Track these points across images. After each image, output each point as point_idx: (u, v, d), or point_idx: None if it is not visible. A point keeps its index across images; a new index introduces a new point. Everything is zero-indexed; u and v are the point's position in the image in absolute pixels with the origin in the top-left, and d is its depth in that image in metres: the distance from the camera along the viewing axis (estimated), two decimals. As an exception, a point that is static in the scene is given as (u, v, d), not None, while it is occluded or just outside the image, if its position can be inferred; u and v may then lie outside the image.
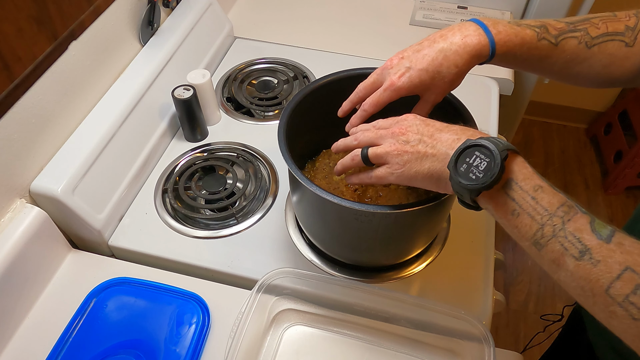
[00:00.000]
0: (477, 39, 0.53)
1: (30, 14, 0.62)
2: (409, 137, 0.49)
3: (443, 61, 0.54)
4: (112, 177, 0.76)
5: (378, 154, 0.51)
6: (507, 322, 1.64)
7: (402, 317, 0.67)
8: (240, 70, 1.04)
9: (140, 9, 0.85)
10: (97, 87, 0.79)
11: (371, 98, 0.57)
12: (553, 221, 0.40)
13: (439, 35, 0.56)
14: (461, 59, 0.54)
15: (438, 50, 0.54)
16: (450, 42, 0.54)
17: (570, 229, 0.40)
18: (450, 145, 0.47)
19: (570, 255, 0.39)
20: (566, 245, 0.39)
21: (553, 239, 0.40)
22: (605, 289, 0.37)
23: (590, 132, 2.21)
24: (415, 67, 0.54)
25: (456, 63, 0.54)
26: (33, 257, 0.67)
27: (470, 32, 0.54)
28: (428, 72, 0.54)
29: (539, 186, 0.42)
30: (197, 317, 0.66)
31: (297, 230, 0.76)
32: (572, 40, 0.55)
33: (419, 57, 0.55)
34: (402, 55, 0.56)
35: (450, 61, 0.54)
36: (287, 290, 0.69)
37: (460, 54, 0.54)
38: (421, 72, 0.54)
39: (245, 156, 0.86)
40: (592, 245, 0.38)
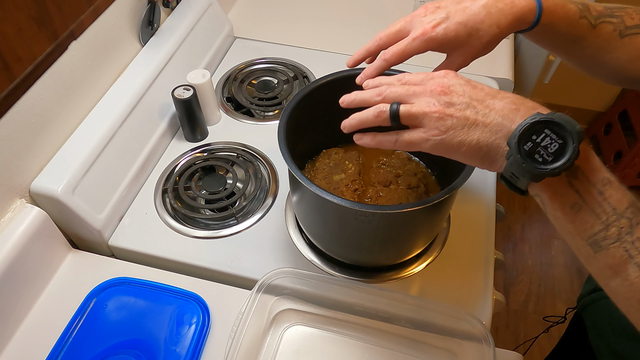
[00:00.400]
0: (525, 1, 0.48)
1: (30, 14, 0.62)
2: (453, 98, 0.42)
3: (485, 18, 0.48)
4: (112, 177, 0.76)
5: (413, 113, 0.43)
6: (507, 322, 1.64)
7: (402, 317, 0.67)
8: (240, 70, 1.04)
9: (140, 9, 0.85)
10: (97, 87, 0.79)
11: (396, 46, 0.50)
12: (620, 223, 0.35)
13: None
14: (505, 19, 0.48)
15: (482, 5, 0.48)
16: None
17: (639, 234, 0.35)
18: (507, 116, 0.40)
19: (635, 264, 0.35)
20: (632, 253, 0.35)
21: (617, 243, 0.35)
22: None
23: (590, 132, 2.21)
24: (453, 18, 0.48)
25: (499, 22, 0.48)
26: (33, 257, 0.67)
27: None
28: (466, 27, 0.48)
29: (608, 180, 0.37)
30: (197, 317, 0.66)
31: (297, 230, 0.76)
32: (609, 26, 0.51)
33: (458, 8, 0.49)
34: (438, 4, 0.50)
35: (493, 19, 0.48)
36: (287, 290, 0.69)
37: (505, 14, 0.48)
38: (459, 26, 0.48)
39: (245, 156, 0.86)
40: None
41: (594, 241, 0.37)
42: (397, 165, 0.76)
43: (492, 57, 1.06)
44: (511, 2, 0.48)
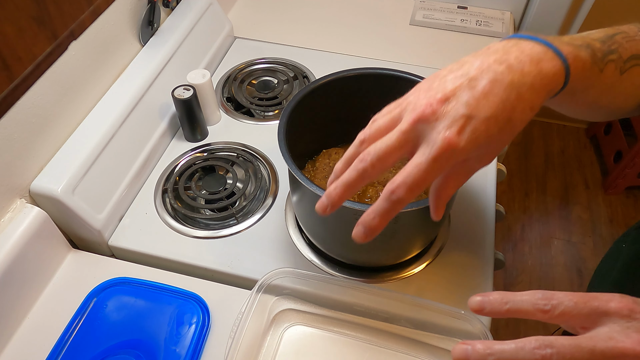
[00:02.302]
0: (551, 64, 0.36)
1: (30, 14, 0.62)
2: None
3: (517, 103, 0.34)
4: (112, 177, 0.76)
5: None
6: (507, 322, 1.64)
7: (402, 317, 0.67)
8: (240, 70, 1.04)
9: (140, 9, 0.85)
10: (97, 87, 0.79)
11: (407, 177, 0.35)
12: None
13: (493, 60, 0.35)
14: (538, 97, 0.35)
15: (507, 84, 0.34)
16: (521, 72, 0.35)
17: None
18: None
19: None
20: None
21: None
22: None
23: (590, 132, 2.21)
24: (479, 114, 0.34)
25: (532, 104, 0.35)
26: (33, 257, 0.67)
27: (539, 54, 0.36)
28: (498, 122, 0.34)
29: None
30: (197, 317, 0.66)
31: (297, 230, 0.76)
32: (611, 65, 0.41)
33: (478, 95, 0.34)
34: (446, 95, 0.35)
35: (525, 102, 0.35)
36: (287, 290, 0.69)
37: (537, 90, 0.35)
38: (489, 124, 0.34)
39: (245, 156, 0.86)
40: None
41: None
42: (397, 165, 0.76)
43: (492, 57, 1.06)
44: (539, 73, 0.35)
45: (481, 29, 1.12)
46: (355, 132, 0.83)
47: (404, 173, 0.34)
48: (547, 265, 1.77)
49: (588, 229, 1.88)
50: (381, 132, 0.37)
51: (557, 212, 1.94)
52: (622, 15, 1.77)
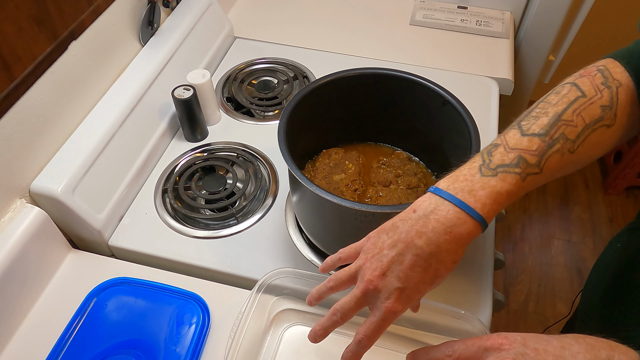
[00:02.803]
0: (464, 227, 0.43)
1: (30, 14, 0.62)
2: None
3: (438, 265, 0.44)
4: (112, 177, 0.76)
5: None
6: (507, 322, 1.64)
7: (402, 317, 0.67)
8: (240, 70, 1.04)
9: (140, 9, 0.85)
10: (97, 87, 0.79)
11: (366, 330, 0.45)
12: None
13: (415, 232, 0.43)
14: (456, 254, 0.44)
15: (427, 256, 0.43)
16: (437, 243, 0.43)
17: None
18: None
19: None
20: None
21: None
22: None
23: (590, 132, 2.20)
24: (409, 284, 0.44)
25: (454, 259, 0.44)
26: (33, 257, 0.67)
27: (450, 219, 0.43)
28: (426, 283, 0.44)
29: None
30: (197, 317, 0.66)
31: (297, 230, 0.76)
32: (555, 156, 0.46)
33: (407, 270, 0.43)
34: (381, 270, 0.44)
35: (446, 262, 0.44)
36: (287, 290, 0.69)
37: (454, 250, 0.43)
38: (418, 286, 0.44)
39: (245, 156, 0.86)
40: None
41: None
42: (397, 165, 0.76)
43: (492, 57, 1.06)
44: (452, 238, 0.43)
45: (481, 29, 1.12)
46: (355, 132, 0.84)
47: (364, 328, 0.45)
48: (547, 265, 1.77)
49: (588, 229, 1.88)
50: (343, 283, 0.49)
51: (557, 212, 1.94)
52: (621, 15, 1.77)
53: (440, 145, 0.71)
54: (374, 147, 0.80)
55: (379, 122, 0.77)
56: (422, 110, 0.70)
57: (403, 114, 0.73)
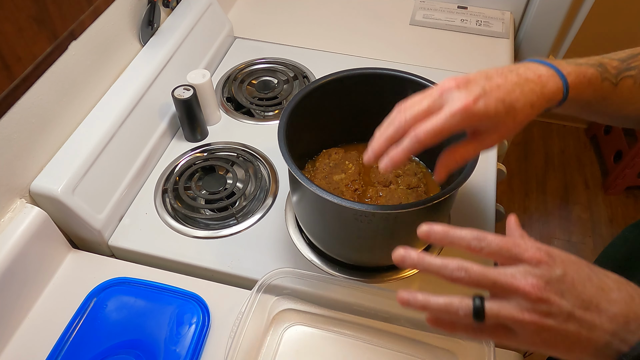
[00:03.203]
0: (552, 79, 0.46)
1: (30, 14, 0.62)
2: (552, 306, 0.35)
3: (520, 96, 0.44)
4: (112, 177, 0.76)
5: (502, 316, 0.36)
6: (507, 322, 1.64)
7: (402, 317, 0.67)
8: (240, 70, 1.04)
9: (140, 9, 0.85)
10: (97, 87, 0.79)
11: (431, 124, 0.43)
12: None
13: (507, 69, 0.47)
14: (537, 99, 0.45)
15: (513, 83, 0.45)
16: (525, 77, 0.45)
17: None
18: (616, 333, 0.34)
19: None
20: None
21: None
22: None
23: (590, 132, 2.21)
24: (491, 94, 0.44)
25: (532, 102, 0.45)
26: (33, 257, 0.67)
27: (542, 71, 0.46)
28: (504, 104, 0.44)
29: None
30: (197, 317, 0.66)
31: (297, 230, 0.76)
32: (629, 80, 0.50)
33: (492, 85, 0.44)
34: (468, 79, 0.45)
35: (527, 98, 0.45)
36: (287, 290, 0.69)
37: (537, 93, 0.45)
38: (498, 102, 0.44)
39: (245, 156, 0.86)
40: None
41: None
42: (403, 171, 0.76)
43: (492, 57, 1.06)
44: (541, 83, 0.45)
45: (481, 29, 1.12)
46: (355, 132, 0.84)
47: (428, 121, 0.44)
48: (547, 265, 1.77)
49: (588, 229, 1.88)
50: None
51: (557, 212, 1.94)
52: (621, 16, 1.77)
53: (440, 145, 0.70)
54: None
55: (379, 122, 0.76)
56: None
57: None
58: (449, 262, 0.39)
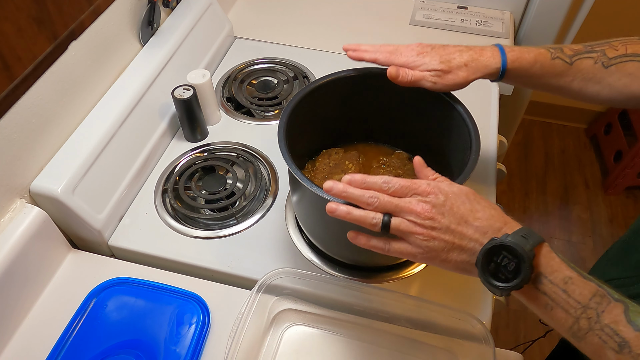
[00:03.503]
0: (491, 51, 0.61)
1: (30, 14, 0.62)
2: (435, 222, 0.46)
3: (457, 57, 0.62)
4: (112, 177, 0.76)
5: (402, 230, 0.47)
6: (507, 322, 1.64)
7: (402, 317, 0.67)
8: (240, 70, 1.04)
9: (140, 9, 0.85)
10: (97, 87, 0.79)
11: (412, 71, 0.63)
12: (587, 314, 0.40)
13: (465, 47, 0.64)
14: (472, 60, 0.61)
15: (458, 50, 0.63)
16: (468, 48, 0.63)
17: (606, 321, 0.39)
18: (478, 240, 0.45)
19: (610, 348, 0.39)
20: (604, 338, 0.39)
21: (590, 332, 0.40)
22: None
23: (590, 132, 2.21)
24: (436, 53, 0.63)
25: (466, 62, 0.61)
26: (33, 257, 0.67)
27: (487, 47, 0.62)
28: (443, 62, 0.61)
29: (568, 278, 0.42)
30: (197, 317, 0.66)
31: (297, 230, 0.76)
32: (588, 60, 0.58)
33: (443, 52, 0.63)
34: (425, 51, 0.64)
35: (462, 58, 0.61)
36: (287, 290, 0.69)
37: (473, 57, 0.62)
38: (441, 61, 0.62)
39: (245, 156, 0.86)
40: (630, 338, 0.38)
41: (572, 333, 0.41)
42: (397, 165, 0.76)
43: (492, 57, 1.06)
44: (480, 52, 0.62)
45: (481, 29, 1.12)
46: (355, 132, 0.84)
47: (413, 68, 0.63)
48: (547, 265, 1.76)
49: (588, 229, 1.87)
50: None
51: (557, 212, 1.94)
52: (621, 15, 1.77)
53: (440, 145, 0.71)
54: (374, 147, 0.80)
55: (379, 122, 0.77)
56: (422, 110, 0.70)
57: (403, 114, 0.73)
58: (365, 192, 0.48)
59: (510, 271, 0.42)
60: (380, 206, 0.48)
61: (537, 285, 0.43)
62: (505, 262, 0.43)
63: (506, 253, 0.43)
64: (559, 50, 0.59)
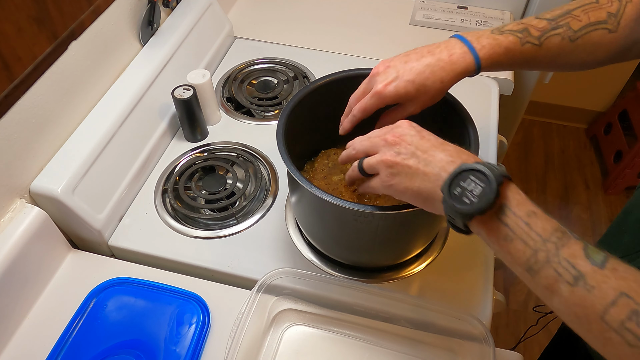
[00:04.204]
0: (463, 57, 0.56)
1: (30, 14, 0.62)
2: (401, 148, 0.48)
3: (429, 75, 0.55)
4: (112, 177, 0.76)
5: (371, 164, 0.51)
6: (507, 322, 1.64)
7: (402, 317, 0.67)
8: (240, 70, 1.04)
9: (140, 9, 0.85)
10: (97, 87, 0.79)
11: (359, 104, 0.59)
12: (547, 247, 0.40)
13: (426, 50, 0.57)
14: (447, 75, 0.56)
15: (425, 64, 0.56)
16: (437, 58, 0.56)
17: (564, 255, 0.39)
18: (443, 167, 0.45)
19: (565, 281, 0.39)
20: (560, 271, 0.39)
21: (547, 265, 0.40)
22: (601, 315, 0.37)
23: (590, 132, 2.21)
24: (402, 77, 0.56)
25: (442, 79, 0.56)
26: (33, 257, 0.67)
27: (456, 50, 0.56)
28: (414, 84, 0.56)
29: (532, 212, 0.42)
30: (197, 317, 0.66)
31: (297, 230, 0.76)
32: (555, 38, 0.57)
33: (406, 68, 0.56)
34: (388, 64, 0.57)
35: (436, 76, 0.56)
36: (287, 290, 0.69)
37: (446, 71, 0.56)
38: (407, 83, 0.56)
39: (245, 156, 0.86)
40: (586, 271, 0.38)
41: (528, 267, 0.41)
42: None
43: (492, 57, 1.06)
44: (450, 60, 0.56)
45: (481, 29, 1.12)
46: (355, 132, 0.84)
47: (360, 102, 0.59)
48: (547, 265, 1.77)
49: (588, 229, 1.87)
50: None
51: (557, 212, 1.94)
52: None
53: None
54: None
55: (378, 122, 0.77)
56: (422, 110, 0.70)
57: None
58: (349, 151, 0.55)
59: (476, 195, 0.42)
60: (361, 149, 0.53)
61: (499, 216, 0.42)
62: (472, 186, 0.42)
63: (474, 178, 0.42)
64: (526, 32, 0.57)
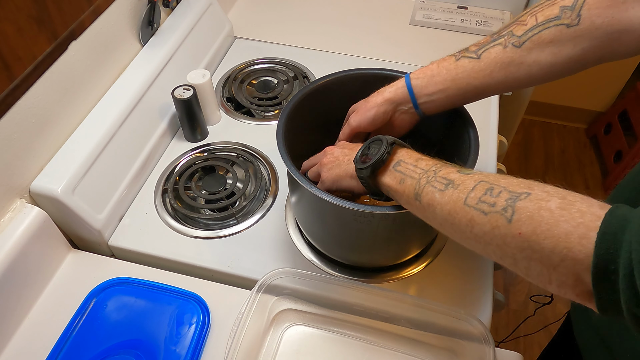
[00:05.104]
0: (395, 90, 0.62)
1: (30, 14, 0.62)
2: (327, 155, 0.61)
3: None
4: (112, 177, 0.76)
5: (314, 172, 0.63)
6: (507, 322, 1.64)
7: (402, 317, 0.67)
8: (240, 70, 1.04)
9: (140, 9, 0.85)
10: (97, 87, 0.79)
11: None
12: (427, 174, 0.48)
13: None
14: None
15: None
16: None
17: (441, 175, 0.47)
18: (354, 149, 0.58)
19: (438, 190, 0.46)
20: (435, 185, 0.46)
21: (427, 186, 0.47)
22: (463, 201, 0.42)
23: (590, 132, 2.21)
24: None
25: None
26: (33, 257, 0.67)
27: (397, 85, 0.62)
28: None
29: (420, 158, 0.51)
30: (197, 317, 0.66)
31: (297, 230, 0.76)
32: (495, 48, 0.55)
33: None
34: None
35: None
36: (287, 290, 0.69)
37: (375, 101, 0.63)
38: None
39: (245, 156, 0.86)
40: (455, 178, 0.45)
41: (415, 194, 0.48)
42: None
43: (492, 57, 1.06)
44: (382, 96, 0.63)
45: (481, 29, 1.12)
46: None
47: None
48: (547, 265, 1.76)
49: (588, 229, 1.87)
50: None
51: (557, 212, 1.94)
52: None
53: (439, 145, 0.71)
54: None
55: (378, 122, 0.77)
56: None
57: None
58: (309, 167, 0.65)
59: (374, 155, 0.52)
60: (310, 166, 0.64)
61: (395, 167, 0.52)
62: (373, 151, 0.53)
63: (374, 145, 0.53)
64: (464, 50, 0.57)
